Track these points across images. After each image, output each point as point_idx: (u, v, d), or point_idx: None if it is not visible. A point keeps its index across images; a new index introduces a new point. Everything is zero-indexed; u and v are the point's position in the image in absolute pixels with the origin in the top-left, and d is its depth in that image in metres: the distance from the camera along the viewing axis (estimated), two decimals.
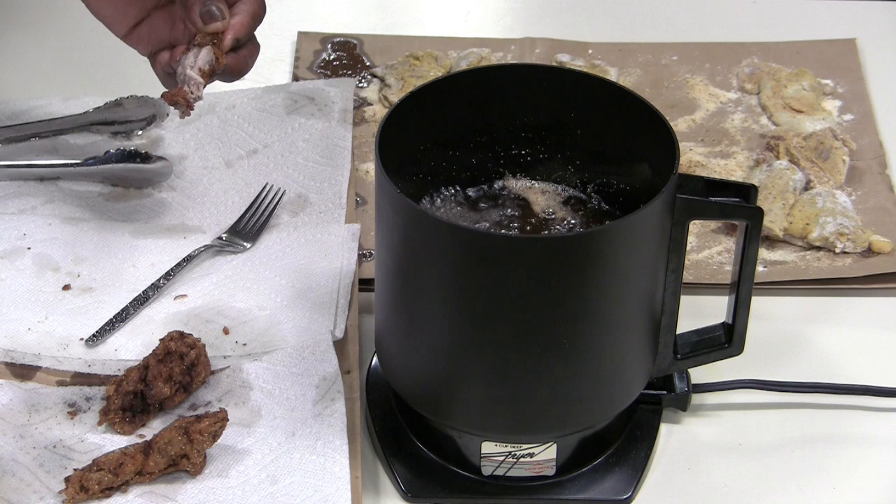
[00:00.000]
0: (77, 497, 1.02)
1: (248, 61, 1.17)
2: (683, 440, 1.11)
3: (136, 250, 1.23)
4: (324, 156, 1.32)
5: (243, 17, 1.14)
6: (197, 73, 1.12)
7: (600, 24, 1.53)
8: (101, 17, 1.15)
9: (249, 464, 1.05)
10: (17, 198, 1.27)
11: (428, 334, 1.02)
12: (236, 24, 1.14)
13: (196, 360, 1.09)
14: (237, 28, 1.14)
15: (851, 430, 1.13)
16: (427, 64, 1.44)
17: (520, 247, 0.96)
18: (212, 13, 1.13)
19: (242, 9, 1.15)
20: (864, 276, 1.24)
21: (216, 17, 1.13)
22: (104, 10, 1.15)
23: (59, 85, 1.43)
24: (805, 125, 1.38)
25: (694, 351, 1.09)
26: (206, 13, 1.13)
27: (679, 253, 1.02)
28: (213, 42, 1.13)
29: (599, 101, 1.07)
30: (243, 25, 1.14)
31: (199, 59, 1.12)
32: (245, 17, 1.14)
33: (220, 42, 1.13)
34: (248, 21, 1.15)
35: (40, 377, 1.12)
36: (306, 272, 1.20)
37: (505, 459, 1.06)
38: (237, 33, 1.14)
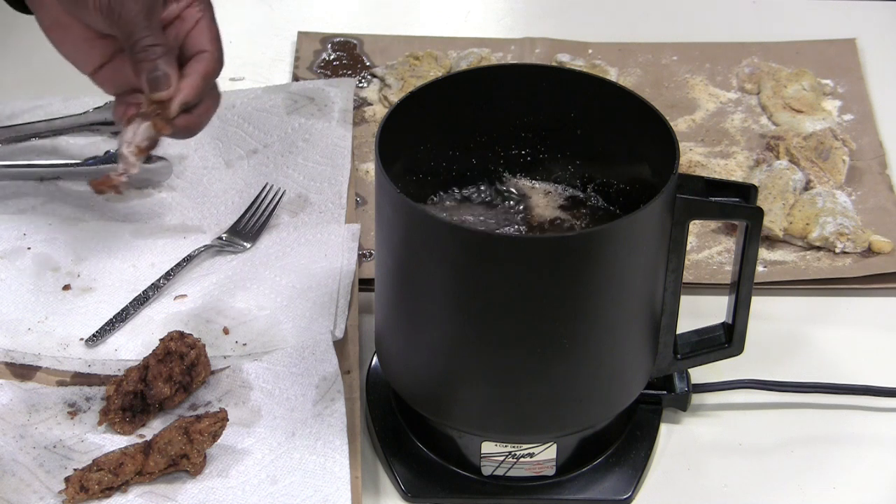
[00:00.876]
0: (77, 497, 1.02)
1: (202, 119, 1.10)
2: (683, 440, 1.11)
3: (136, 250, 1.23)
4: (324, 156, 1.32)
5: (193, 78, 1.08)
6: (133, 150, 1.07)
7: (600, 24, 1.54)
8: (66, 55, 1.14)
9: (249, 464, 1.05)
10: (17, 198, 1.27)
11: (428, 334, 1.02)
12: (185, 88, 1.07)
13: (196, 360, 1.09)
14: (186, 92, 1.07)
15: (851, 430, 1.13)
16: (427, 64, 1.44)
17: (520, 247, 0.96)
18: (158, 80, 1.06)
19: (195, 68, 1.09)
20: (864, 276, 1.23)
21: (162, 84, 1.06)
22: (68, 51, 1.13)
23: (59, 85, 1.42)
24: (805, 125, 1.38)
25: (694, 351, 1.09)
26: (153, 80, 1.06)
27: (679, 253, 1.02)
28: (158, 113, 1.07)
29: (599, 101, 1.07)
30: (193, 89, 1.08)
31: (137, 135, 1.07)
32: (195, 78, 1.08)
33: (165, 107, 1.07)
34: (199, 83, 1.08)
35: (40, 377, 1.12)
36: (306, 272, 1.20)
37: (505, 459, 1.06)
38: (185, 98, 1.07)
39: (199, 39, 1.10)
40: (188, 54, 1.10)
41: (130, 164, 1.07)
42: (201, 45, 1.10)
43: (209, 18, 1.11)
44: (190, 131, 1.10)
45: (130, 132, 1.08)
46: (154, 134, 1.08)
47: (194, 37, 1.10)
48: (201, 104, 1.10)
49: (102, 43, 1.12)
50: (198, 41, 1.10)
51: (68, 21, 1.11)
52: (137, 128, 1.08)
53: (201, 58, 1.09)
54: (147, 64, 1.06)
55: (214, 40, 1.10)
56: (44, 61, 1.47)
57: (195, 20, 1.10)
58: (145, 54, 1.06)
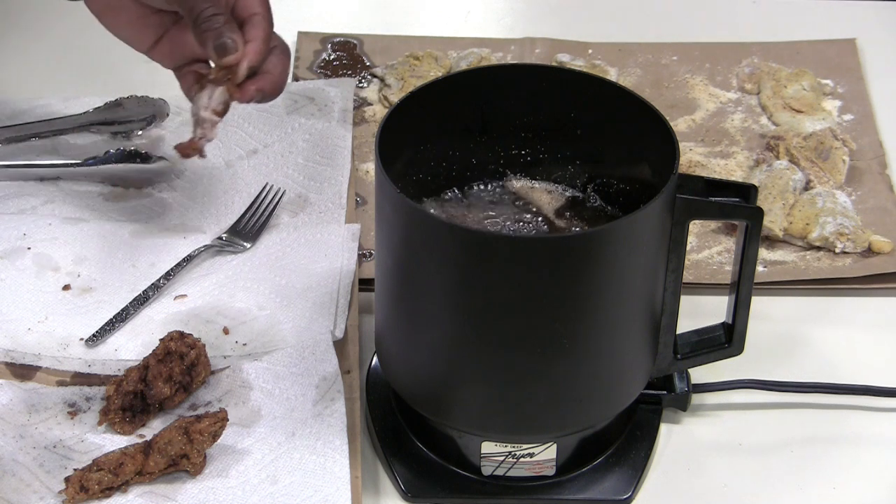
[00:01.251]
0: (77, 497, 1.02)
1: (282, 77, 1.13)
2: (683, 440, 1.11)
3: (136, 250, 1.23)
4: (324, 156, 1.32)
5: (256, 43, 1.10)
6: (211, 114, 1.10)
7: (600, 24, 1.53)
8: (120, 37, 1.16)
9: (249, 464, 1.05)
10: (17, 198, 1.27)
11: (428, 334, 1.02)
12: (250, 53, 1.10)
13: (196, 360, 1.09)
14: (251, 56, 1.10)
15: (851, 430, 1.13)
16: (427, 64, 1.44)
17: (520, 247, 0.96)
18: (226, 46, 1.09)
19: (254, 34, 1.11)
20: (864, 276, 1.23)
21: (230, 49, 1.09)
22: (122, 32, 1.15)
23: (59, 85, 1.43)
24: (805, 125, 1.38)
25: (694, 351, 1.09)
26: (220, 46, 1.09)
27: (679, 253, 1.02)
28: (228, 77, 1.10)
29: (599, 101, 1.07)
30: (257, 53, 1.10)
31: (213, 99, 1.10)
32: (258, 42, 1.10)
33: (234, 72, 1.10)
34: (262, 46, 1.11)
35: (40, 377, 1.12)
36: (306, 272, 1.20)
37: (505, 459, 1.06)
38: (252, 62, 1.10)
39: (248, 3, 1.12)
40: (239, 18, 1.12)
41: (209, 127, 1.10)
42: (252, 8, 1.12)
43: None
44: (276, 91, 1.13)
45: (205, 97, 1.10)
46: (228, 98, 1.10)
47: (244, 1, 1.12)
48: (275, 62, 1.12)
49: (156, 19, 1.14)
50: (248, 4, 1.12)
51: (120, 2, 1.13)
52: (212, 92, 1.10)
53: (255, 21, 1.11)
54: (212, 33, 1.09)
55: (264, 3, 1.12)
56: (44, 61, 1.47)
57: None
58: (209, 23, 1.09)
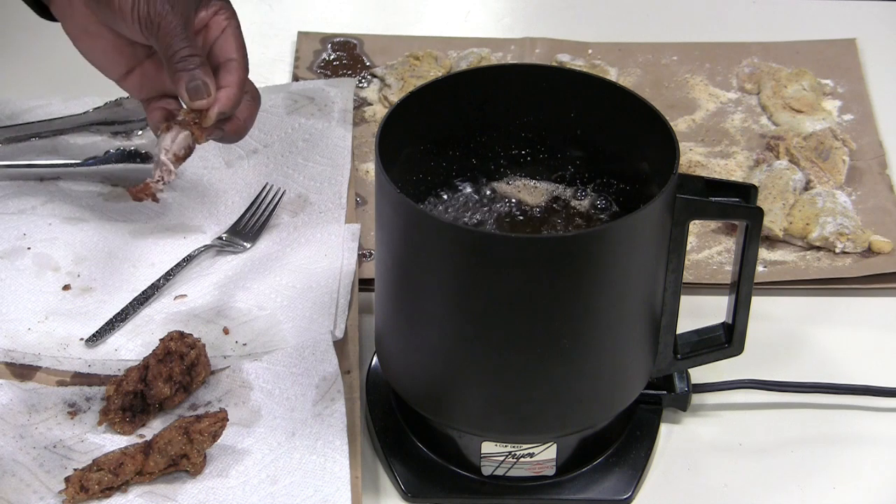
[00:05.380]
0: (77, 497, 1.02)
1: (248, 122, 1.12)
2: (683, 440, 1.11)
3: (136, 250, 1.23)
4: (324, 156, 1.32)
5: (230, 90, 1.09)
6: (171, 158, 1.08)
7: (600, 24, 1.54)
8: (93, 63, 1.14)
9: (249, 464, 1.05)
10: (17, 198, 1.27)
11: (428, 334, 1.02)
12: (222, 99, 1.08)
13: (196, 360, 1.09)
14: (224, 103, 1.08)
15: (851, 430, 1.13)
16: (427, 64, 1.44)
17: (520, 247, 0.96)
18: (198, 90, 1.07)
19: (229, 80, 1.09)
20: (864, 276, 1.24)
21: (202, 94, 1.07)
22: (96, 59, 1.14)
23: (59, 85, 1.43)
24: (805, 125, 1.38)
25: (694, 351, 1.09)
26: (193, 89, 1.07)
27: (679, 253, 1.02)
28: (196, 121, 1.08)
29: (599, 101, 1.07)
30: (230, 100, 1.09)
31: (176, 143, 1.08)
32: (232, 89, 1.09)
33: (204, 117, 1.08)
34: (235, 93, 1.09)
35: (40, 377, 1.12)
36: (306, 272, 1.20)
37: (505, 459, 1.06)
38: (223, 108, 1.08)
39: (225, 47, 1.11)
40: (215, 62, 1.10)
41: (168, 171, 1.08)
42: (228, 54, 1.11)
43: (235, 27, 1.12)
44: (238, 135, 1.12)
45: (168, 140, 1.08)
46: (191, 143, 1.09)
47: (221, 45, 1.11)
48: (243, 108, 1.11)
49: (131, 50, 1.13)
50: (225, 49, 1.11)
51: (97, 29, 1.12)
52: (176, 136, 1.08)
53: (231, 67, 1.10)
54: (185, 74, 1.07)
55: (241, 48, 1.11)
56: (44, 61, 1.48)
57: (221, 28, 1.11)
58: (184, 64, 1.07)
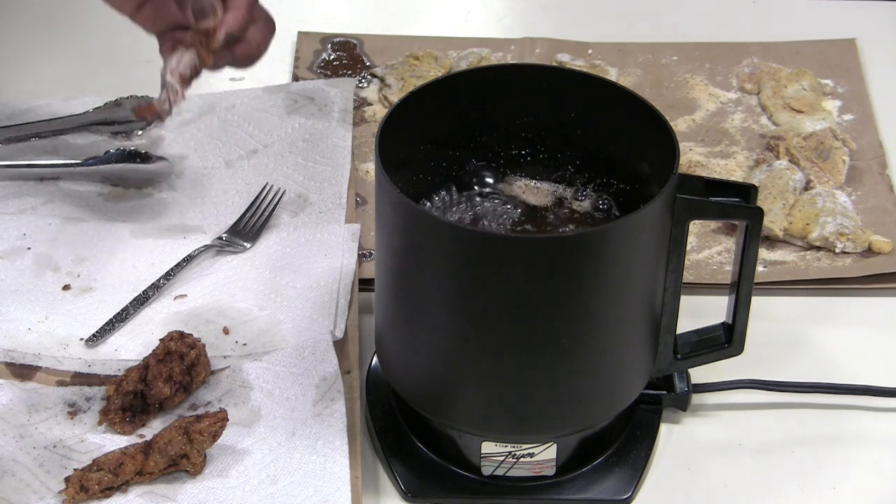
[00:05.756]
0: (77, 497, 1.02)
1: (261, 47, 1.12)
2: (683, 440, 1.11)
3: (136, 250, 1.23)
4: (324, 156, 1.32)
5: (237, 11, 1.10)
6: (177, 79, 1.08)
7: (600, 24, 1.54)
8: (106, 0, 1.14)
9: (249, 464, 1.05)
10: (17, 198, 1.27)
11: (428, 334, 1.02)
12: (229, 20, 1.10)
13: (196, 360, 1.09)
14: (230, 23, 1.10)
15: (851, 430, 1.13)
16: (427, 64, 1.44)
17: (520, 247, 0.96)
18: (203, 10, 1.08)
19: (236, 2, 1.10)
20: (864, 276, 1.23)
21: (207, 14, 1.09)
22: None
23: (59, 85, 1.43)
24: (805, 125, 1.38)
25: (694, 351, 1.09)
26: (198, 10, 1.09)
27: (679, 253, 1.02)
28: (202, 42, 1.09)
29: (599, 101, 1.07)
30: (237, 20, 1.10)
31: (181, 63, 1.09)
32: (239, 10, 1.10)
33: (211, 38, 1.09)
34: (243, 14, 1.10)
35: (40, 377, 1.12)
36: (306, 272, 1.20)
37: (505, 459, 1.06)
38: (230, 28, 1.10)
39: None
40: None
41: (175, 91, 1.08)
42: None
43: None
44: (249, 59, 1.12)
45: (175, 60, 1.09)
46: (198, 63, 1.09)
47: None
48: (256, 32, 1.11)
49: None
50: None
51: None
52: (182, 56, 1.09)
53: None
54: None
55: None
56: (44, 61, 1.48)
57: None
58: None
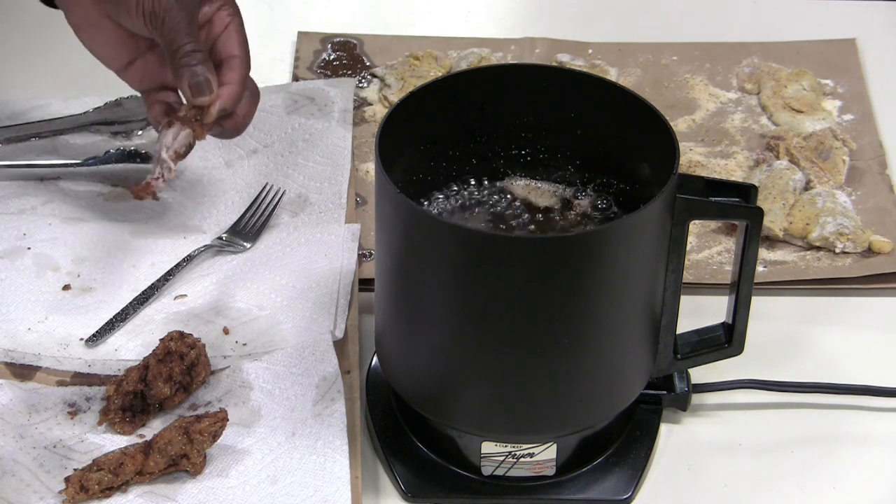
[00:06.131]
0: (77, 497, 1.02)
1: (247, 118, 1.12)
2: (683, 440, 1.11)
3: (136, 250, 1.23)
4: (324, 156, 1.32)
5: (231, 86, 1.09)
6: (172, 156, 1.08)
7: (600, 24, 1.54)
8: (95, 53, 1.14)
9: (249, 464, 1.05)
10: (17, 198, 1.27)
11: (428, 334, 1.02)
12: (224, 95, 1.09)
13: (196, 360, 1.09)
14: (226, 100, 1.09)
15: (851, 430, 1.13)
16: (427, 64, 1.44)
17: (520, 247, 0.96)
18: (200, 86, 1.07)
19: (231, 77, 1.10)
20: (864, 276, 1.23)
21: (204, 91, 1.08)
22: (97, 49, 1.14)
23: (59, 85, 1.43)
24: (805, 125, 1.38)
25: (694, 351, 1.09)
26: (195, 85, 1.07)
27: (679, 253, 1.02)
28: (197, 118, 1.09)
29: (599, 101, 1.07)
30: (231, 96, 1.09)
31: (177, 141, 1.08)
32: (233, 86, 1.09)
33: (205, 113, 1.09)
34: (237, 90, 1.10)
35: (40, 377, 1.12)
36: (306, 272, 1.20)
37: (505, 459, 1.06)
38: (225, 104, 1.09)
39: (228, 44, 1.11)
40: (217, 58, 1.11)
41: (168, 169, 1.08)
42: (231, 50, 1.11)
43: (238, 23, 1.12)
44: (236, 131, 1.12)
45: (170, 137, 1.08)
46: (192, 140, 1.09)
47: (224, 41, 1.11)
48: (244, 104, 1.11)
49: (133, 41, 1.13)
50: (227, 46, 1.11)
51: (100, 20, 1.12)
52: (177, 133, 1.08)
53: (233, 64, 1.10)
54: (188, 69, 1.07)
55: (243, 45, 1.12)
56: (44, 61, 1.47)
57: (224, 24, 1.12)
58: (187, 60, 1.07)
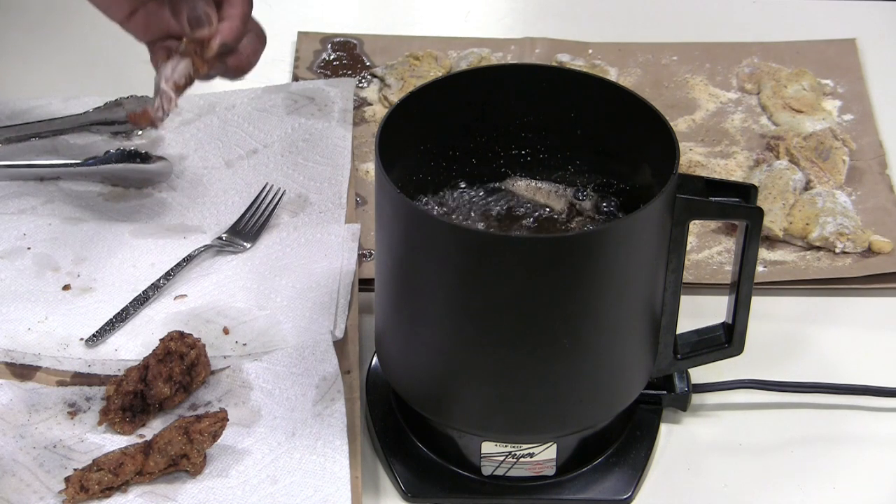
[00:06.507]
0: (77, 497, 1.02)
1: (251, 59, 1.13)
2: (683, 440, 1.11)
3: (136, 250, 1.23)
4: (324, 156, 1.32)
5: (232, 21, 1.10)
6: (171, 86, 1.09)
7: (600, 24, 1.54)
8: (97, 5, 1.14)
9: (249, 464, 1.05)
10: (17, 198, 1.27)
11: (428, 334, 1.02)
12: (224, 30, 1.10)
13: (196, 360, 1.09)
14: (225, 33, 1.10)
15: (851, 430, 1.13)
16: (427, 64, 1.44)
17: (520, 247, 0.96)
18: (199, 19, 1.09)
19: (231, 13, 1.11)
20: (864, 276, 1.23)
21: (203, 23, 1.09)
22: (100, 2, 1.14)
23: (59, 85, 1.43)
24: (805, 125, 1.38)
25: (694, 351, 1.09)
26: (194, 19, 1.09)
27: (679, 253, 1.02)
28: (196, 51, 1.09)
29: (599, 101, 1.07)
30: (231, 30, 1.10)
31: (176, 72, 1.09)
32: (234, 21, 1.10)
33: (206, 47, 1.09)
34: (238, 25, 1.10)
35: (40, 377, 1.12)
36: (306, 272, 1.20)
37: (505, 459, 1.06)
38: (225, 38, 1.10)
39: None
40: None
41: (168, 99, 1.09)
42: None
43: None
44: (240, 71, 1.13)
45: (169, 68, 1.09)
46: (191, 72, 1.09)
47: None
48: (247, 43, 1.12)
49: None
50: None
51: None
52: (176, 64, 1.09)
53: (235, 1, 1.11)
54: (187, 3, 1.08)
55: None
56: (44, 61, 1.48)
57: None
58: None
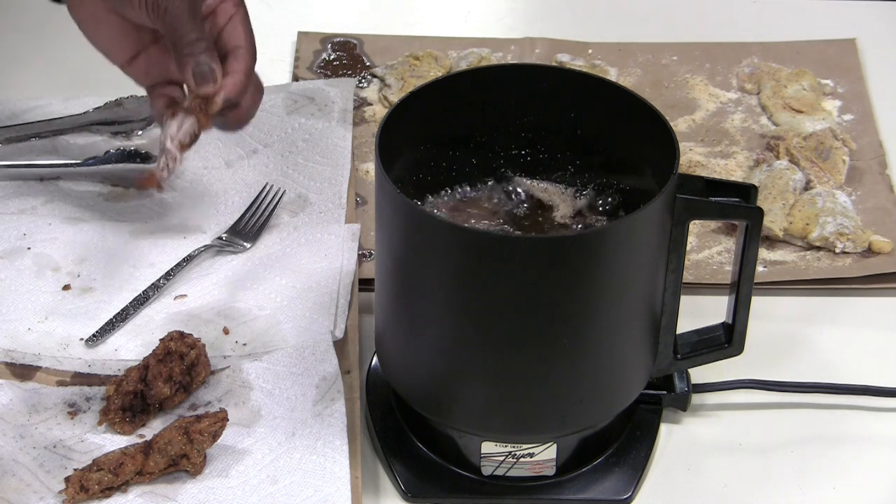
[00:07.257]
0: (77, 497, 1.02)
1: (250, 111, 1.12)
2: (683, 440, 1.11)
3: (136, 250, 1.23)
4: (324, 156, 1.32)
5: (236, 77, 1.08)
6: (176, 146, 1.07)
7: (600, 24, 1.53)
8: (99, 48, 1.14)
9: (249, 464, 1.05)
10: (17, 198, 1.27)
11: (428, 334, 1.02)
12: (228, 85, 1.08)
13: (196, 360, 1.09)
14: (229, 89, 1.08)
15: (851, 430, 1.13)
16: (427, 64, 1.44)
17: (520, 247, 0.96)
18: (204, 75, 1.06)
19: (236, 67, 1.09)
20: (864, 276, 1.23)
21: (209, 79, 1.07)
22: (102, 43, 1.14)
23: (59, 85, 1.42)
24: (805, 125, 1.38)
25: (694, 351, 1.09)
26: (199, 74, 1.06)
27: (679, 253, 1.02)
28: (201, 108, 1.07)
29: (599, 101, 1.07)
30: (235, 86, 1.08)
31: (182, 131, 1.07)
32: (238, 76, 1.08)
33: (210, 103, 1.08)
34: (242, 80, 1.09)
35: (40, 377, 1.12)
36: (306, 272, 1.20)
37: (505, 459, 1.06)
38: (229, 94, 1.08)
39: (233, 35, 1.11)
40: (223, 50, 1.10)
41: (174, 158, 1.08)
42: (236, 41, 1.10)
43: (242, 14, 1.12)
44: (239, 124, 1.12)
45: (174, 127, 1.07)
46: (196, 130, 1.08)
47: (229, 32, 1.11)
48: (247, 97, 1.11)
49: (136, 35, 1.13)
50: (232, 37, 1.10)
51: (104, 14, 1.12)
52: (181, 123, 1.08)
53: (239, 54, 1.10)
54: (192, 59, 1.07)
55: (248, 35, 1.11)
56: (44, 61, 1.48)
57: (229, 16, 1.11)
58: (190, 49, 1.07)
